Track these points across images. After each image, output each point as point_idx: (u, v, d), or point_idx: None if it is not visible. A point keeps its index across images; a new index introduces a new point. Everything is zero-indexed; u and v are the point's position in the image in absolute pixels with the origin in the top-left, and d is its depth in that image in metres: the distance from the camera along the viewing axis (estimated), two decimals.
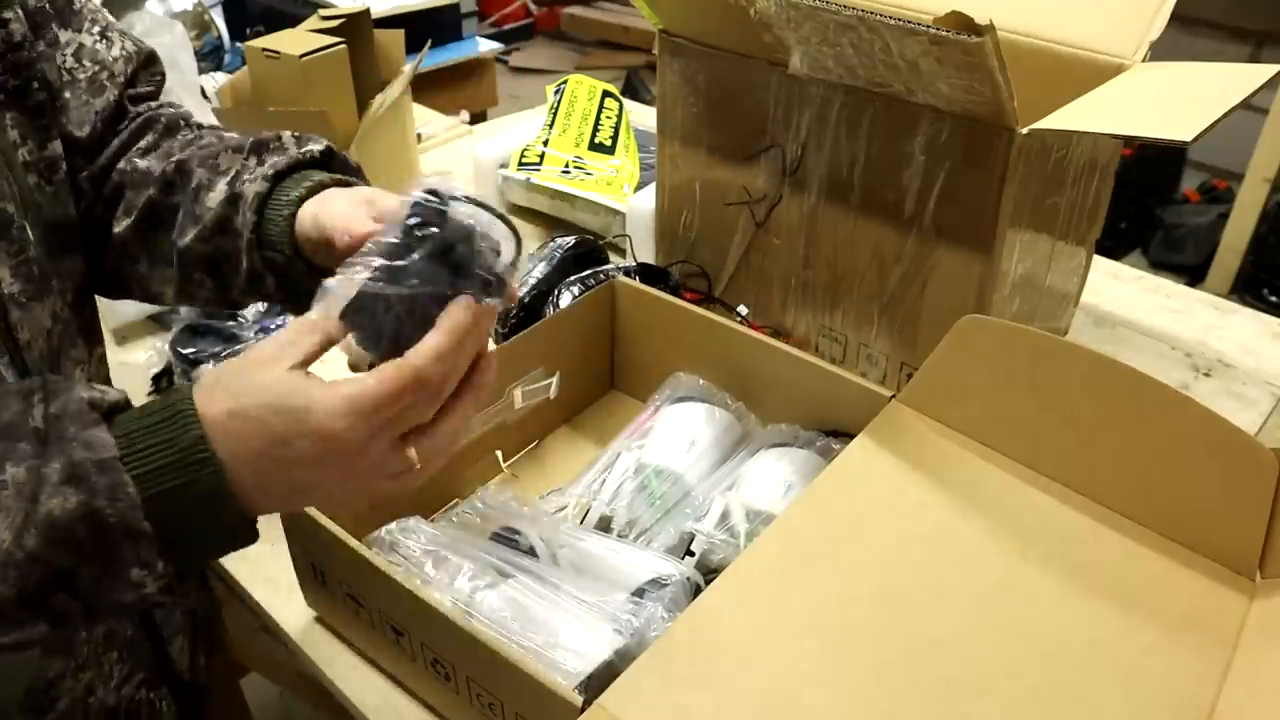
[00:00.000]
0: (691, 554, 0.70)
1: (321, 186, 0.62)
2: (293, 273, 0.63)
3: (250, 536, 0.48)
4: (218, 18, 1.70)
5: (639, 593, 0.64)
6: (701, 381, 0.85)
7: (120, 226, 0.67)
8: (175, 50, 1.27)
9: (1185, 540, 0.64)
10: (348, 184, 0.64)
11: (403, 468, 0.48)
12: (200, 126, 0.71)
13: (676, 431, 0.81)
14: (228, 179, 0.64)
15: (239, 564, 0.80)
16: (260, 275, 0.63)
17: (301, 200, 0.61)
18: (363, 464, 0.47)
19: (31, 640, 0.45)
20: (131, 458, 0.44)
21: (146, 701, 0.68)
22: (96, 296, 0.71)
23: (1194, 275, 2.61)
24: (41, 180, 0.61)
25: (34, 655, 0.58)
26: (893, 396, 0.74)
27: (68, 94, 0.66)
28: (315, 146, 0.65)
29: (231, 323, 0.96)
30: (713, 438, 0.80)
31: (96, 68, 0.68)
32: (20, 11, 0.59)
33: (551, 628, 0.61)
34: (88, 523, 0.43)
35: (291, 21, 1.23)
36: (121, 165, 0.68)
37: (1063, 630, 0.59)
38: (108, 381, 0.70)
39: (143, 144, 0.68)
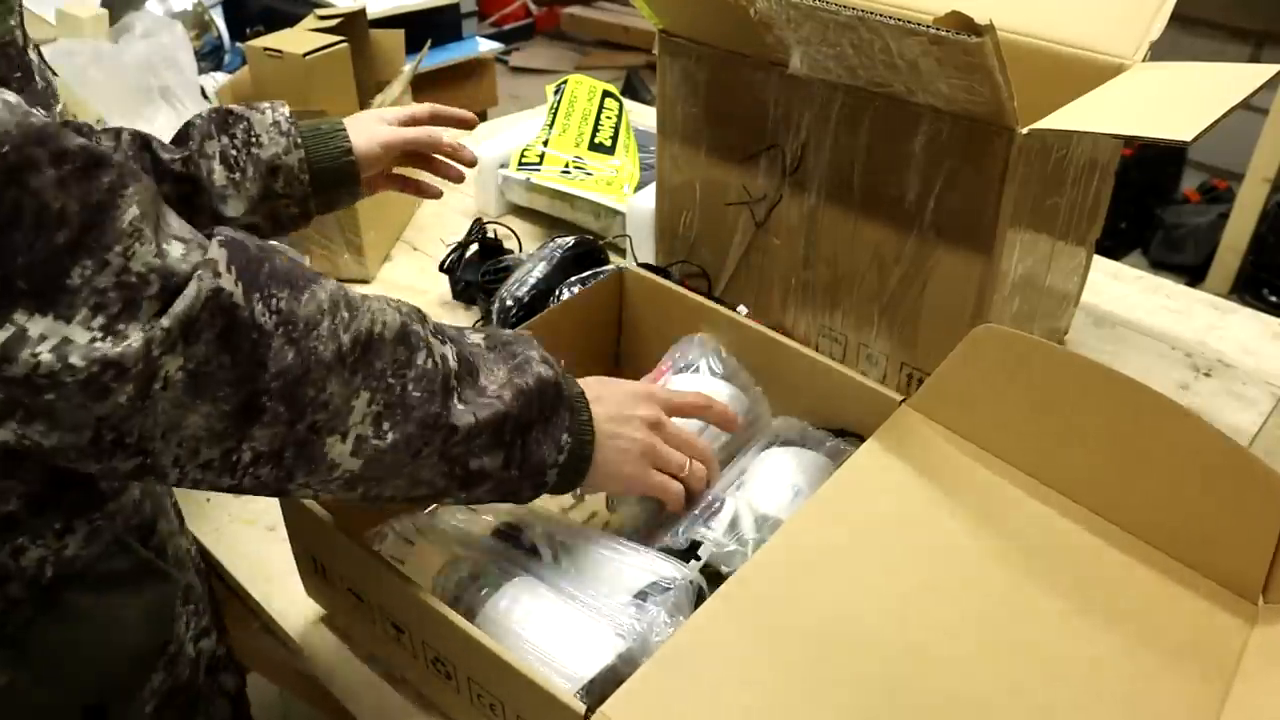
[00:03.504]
0: (698, 558, 0.70)
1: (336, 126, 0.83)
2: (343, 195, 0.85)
3: (583, 466, 0.64)
4: (217, 17, 1.70)
5: (641, 595, 0.64)
6: (710, 343, 0.84)
7: None
8: (175, 50, 1.27)
9: (1191, 561, 0.63)
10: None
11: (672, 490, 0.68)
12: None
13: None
14: (218, 159, 0.78)
15: (239, 564, 0.80)
16: (310, 216, 0.82)
17: (347, 147, 0.82)
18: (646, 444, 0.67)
19: (487, 470, 0.58)
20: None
21: (221, 656, 0.72)
22: None
23: (1194, 275, 2.61)
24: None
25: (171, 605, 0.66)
26: (903, 400, 0.73)
27: None
28: (283, 109, 0.81)
29: None
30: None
31: None
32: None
33: (553, 630, 0.61)
34: (554, 389, 0.61)
35: (291, 21, 1.23)
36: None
37: (1065, 650, 0.59)
38: None
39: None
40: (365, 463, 0.53)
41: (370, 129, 0.84)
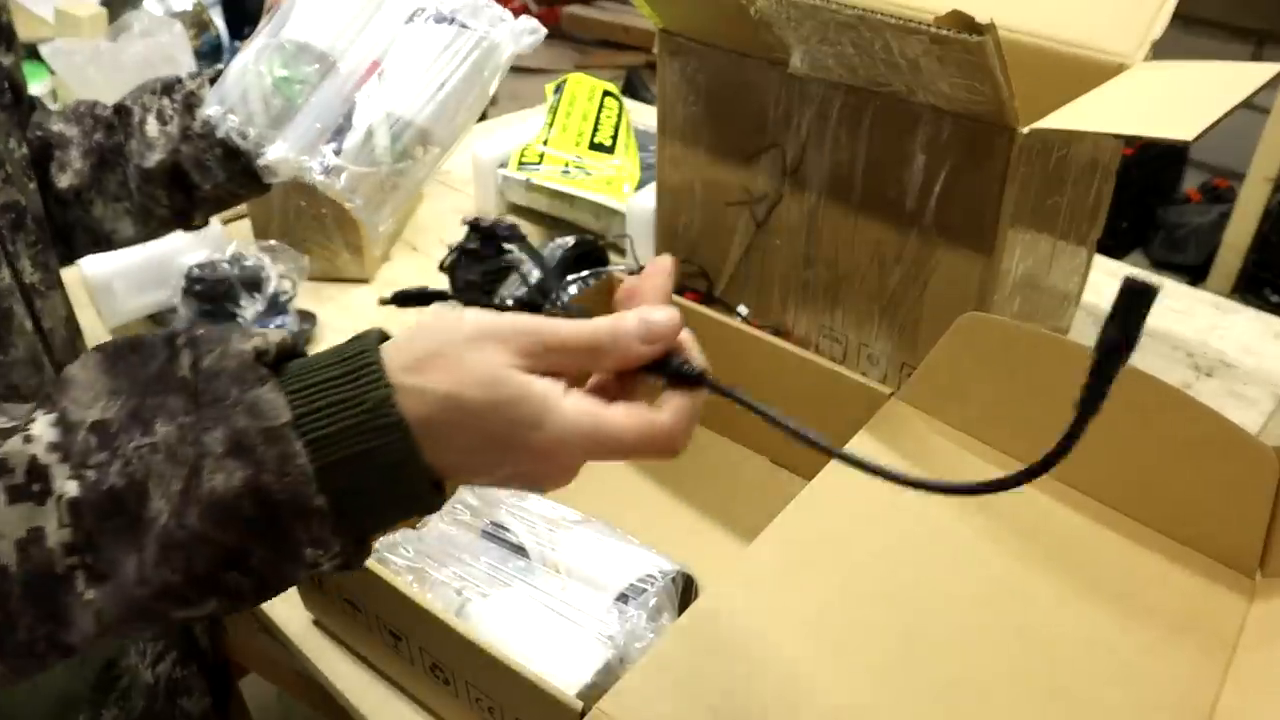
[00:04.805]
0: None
1: None
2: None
3: (438, 503, 0.42)
4: (216, 17, 1.69)
5: (622, 598, 0.63)
6: None
7: (66, 181, 0.74)
8: (174, 49, 1.27)
9: (1185, 539, 0.64)
10: None
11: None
12: (44, 105, 0.80)
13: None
14: (154, 112, 0.74)
15: None
16: (236, 153, 0.71)
17: None
18: (572, 475, 0.43)
19: (202, 615, 0.41)
20: (307, 419, 0.38)
21: (181, 679, 0.71)
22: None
23: (1195, 275, 2.61)
24: (25, 177, 0.65)
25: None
26: (892, 394, 0.74)
27: None
28: (217, 67, 0.76)
29: (231, 322, 0.96)
30: None
31: None
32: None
33: (537, 643, 0.61)
34: (254, 500, 0.37)
35: None
36: (30, 135, 0.74)
37: (1062, 630, 0.59)
38: None
39: (35, 119, 0.76)
40: None
41: None
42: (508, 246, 1.10)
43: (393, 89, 0.69)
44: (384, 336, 0.41)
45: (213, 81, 0.76)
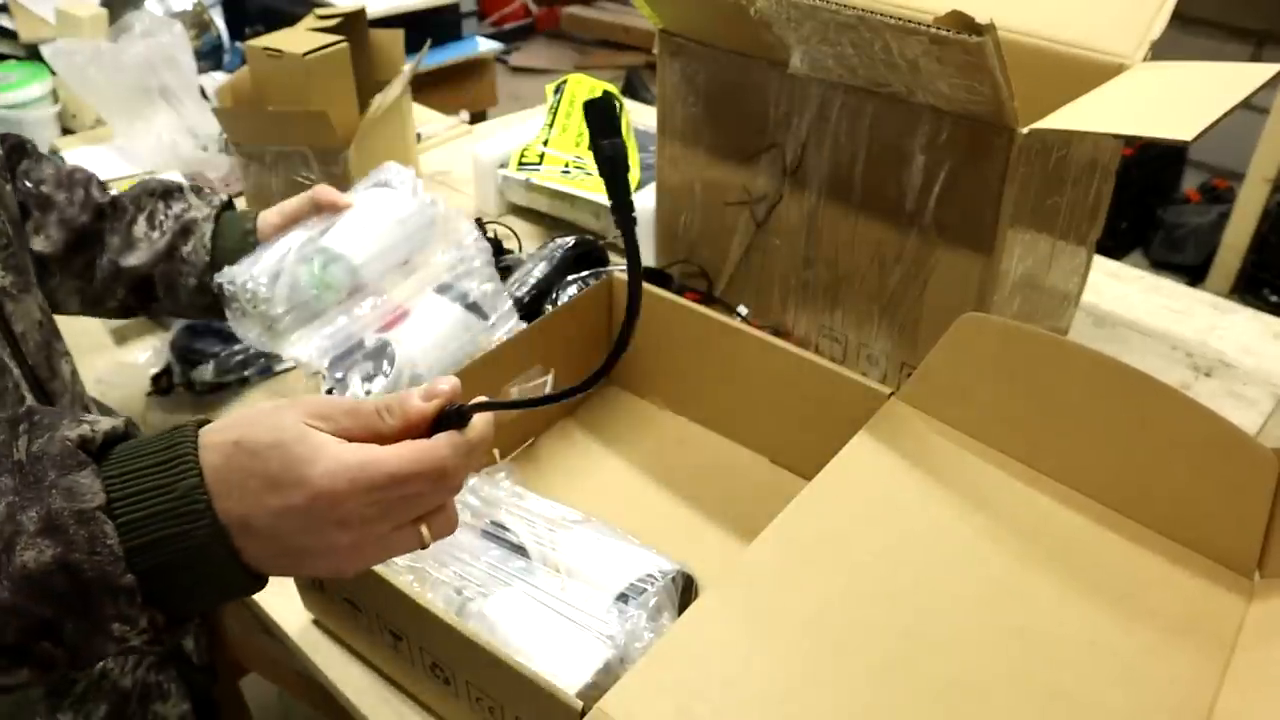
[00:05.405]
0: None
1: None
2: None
3: (251, 586, 0.46)
4: (217, 17, 1.70)
5: (622, 598, 0.63)
6: (407, 170, 0.91)
7: (39, 246, 0.77)
8: (175, 50, 1.27)
9: (1185, 540, 0.64)
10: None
11: (411, 547, 0.47)
12: (38, 152, 0.82)
13: (363, 221, 0.85)
14: (146, 213, 0.80)
15: None
16: (207, 289, 0.78)
17: (250, 228, 0.82)
18: (365, 537, 0.45)
19: (14, 685, 0.44)
20: (123, 502, 0.42)
21: (156, 684, 0.70)
22: None
23: (1195, 275, 2.61)
24: (2, 180, 0.66)
25: None
26: (892, 394, 0.74)
27: None
28: (220, 197, 0.84)
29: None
30: (400, 233, 0.87)
31: None
32: None
33: (537, 643, 0.61)
34: (65, 576, 0.41)
35: (291, 21, 1.23)
36: (19, 184, 0.77)
37: (1062, 631, 0.59)
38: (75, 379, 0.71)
39: (22, 167, 0.78)
40: None
41: (267, 217, 0.85)
42: (507, 247, 1.10)
43: (416, 345, 0.82)
44: (204, 423, 0.45)
45: (219, 215, 0.82)
